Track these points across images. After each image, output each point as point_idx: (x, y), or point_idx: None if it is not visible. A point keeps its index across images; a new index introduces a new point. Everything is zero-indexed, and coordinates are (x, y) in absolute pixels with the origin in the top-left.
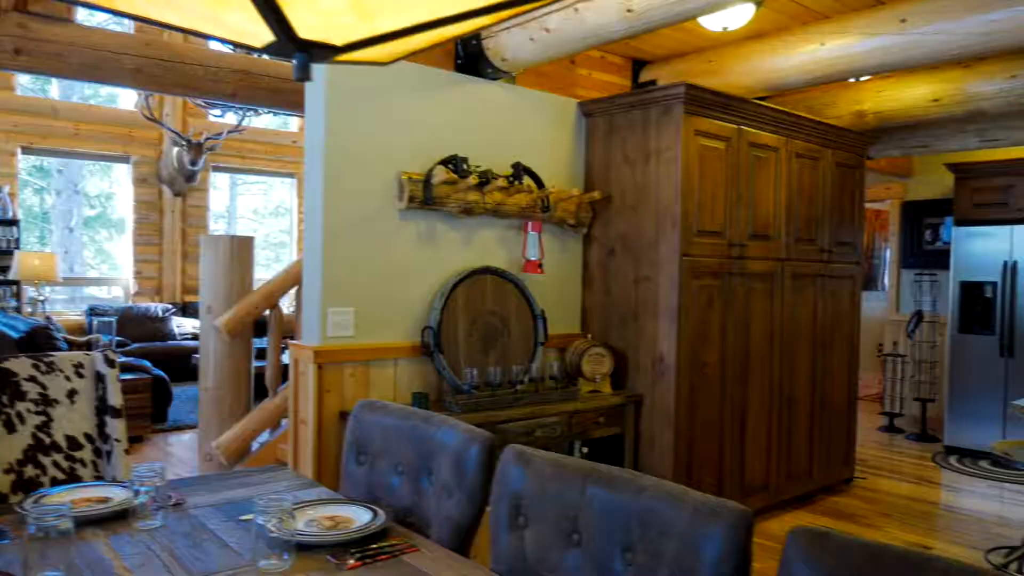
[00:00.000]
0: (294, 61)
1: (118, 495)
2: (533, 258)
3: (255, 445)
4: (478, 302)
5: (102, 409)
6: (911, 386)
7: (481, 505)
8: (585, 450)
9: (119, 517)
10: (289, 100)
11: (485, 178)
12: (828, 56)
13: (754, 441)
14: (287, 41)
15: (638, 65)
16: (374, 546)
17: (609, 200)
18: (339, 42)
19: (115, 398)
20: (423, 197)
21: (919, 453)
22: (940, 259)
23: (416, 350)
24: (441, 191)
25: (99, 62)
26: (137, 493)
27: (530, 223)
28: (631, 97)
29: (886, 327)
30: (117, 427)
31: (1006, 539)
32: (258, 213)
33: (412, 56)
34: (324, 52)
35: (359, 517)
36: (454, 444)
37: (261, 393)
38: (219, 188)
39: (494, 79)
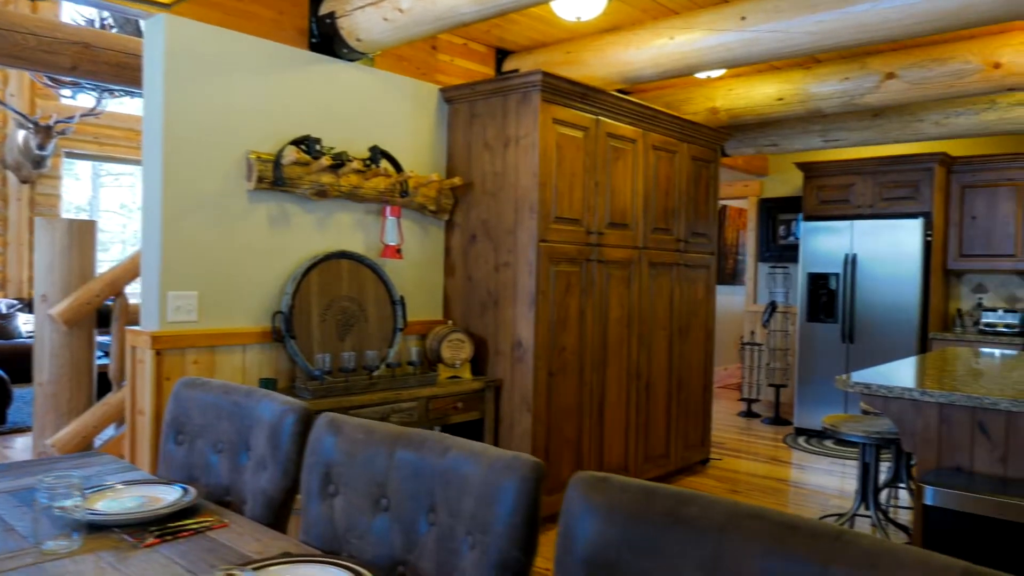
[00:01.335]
0: None
1: None
2: (392, 243)
3: (98, 442)
4: (333, 287)
5: None
6: (767, 373)
7: (295, 476)
8: None
9: None
10: (135, 77)
11: (340, 160)
12: (676, 50)
13: (613, 424)
14: None
15: (501, 54)
16: (177, 523)
17: (470, 186)
18: None
19: None
20: (273, 178)
21: (772, 435)
22: (792, 253)
23: (267, 336)
24: (293, 172)
25: None
26: None
27: (388, 208)
28: (491, 84)
29: (745, 318)
30: None
31: (839, 508)
32: (126, 207)
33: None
34: None
35: (167, 496)
36: (270, 417)
37: (108, 388)
38: (80, 178)
39: (351, 60)
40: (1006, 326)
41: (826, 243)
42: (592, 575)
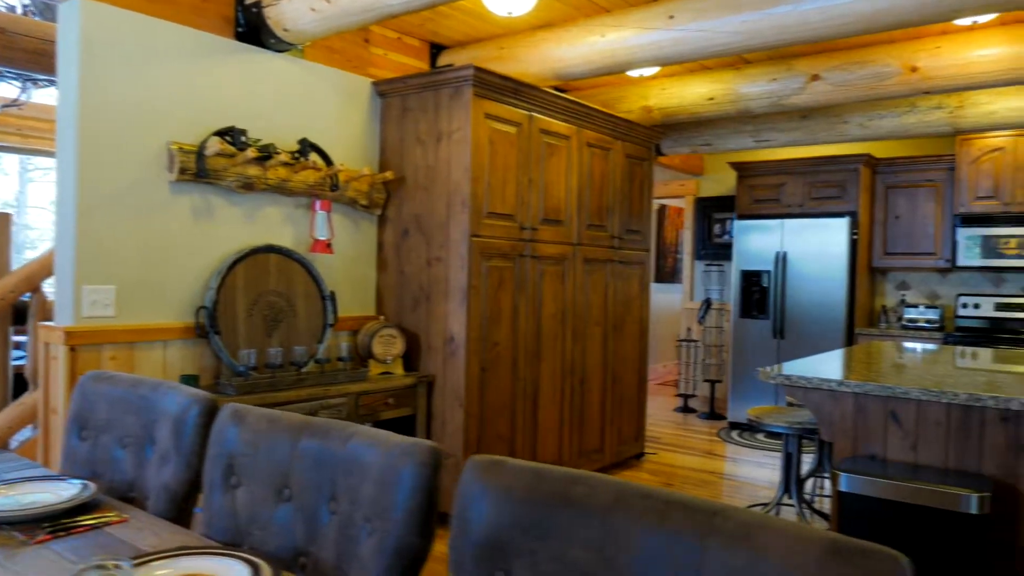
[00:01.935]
0: None
1: None
2: (322, 237)
3: (14, 443)
4: (261, 282)
5: None
6: (702, 369)
7: (199, 469)
8: None
9: None
10: (54, 64)
11: (267, 152)
12: (607, 48)
13: (547, 419)
14: None
15: (436, 49)
16: (72, 520)
17: (403, 181)
18: None
19: None
20: (196, 169)
21: (707, 429)
22: (727, 251)
23: (191, 331)
24: (217, 164)
25: None
26: None
27: (318, 202)
28: (423, 78)
29: (682, 315)
30: None
31: (768, 498)
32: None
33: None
34: None
35: (65, 492)
36: (175, 409)
37: (25, 387)
38: (7, 172)
39: (279, 51)
40: (927, 321)
41: (758, 241)
42: (484, 557)
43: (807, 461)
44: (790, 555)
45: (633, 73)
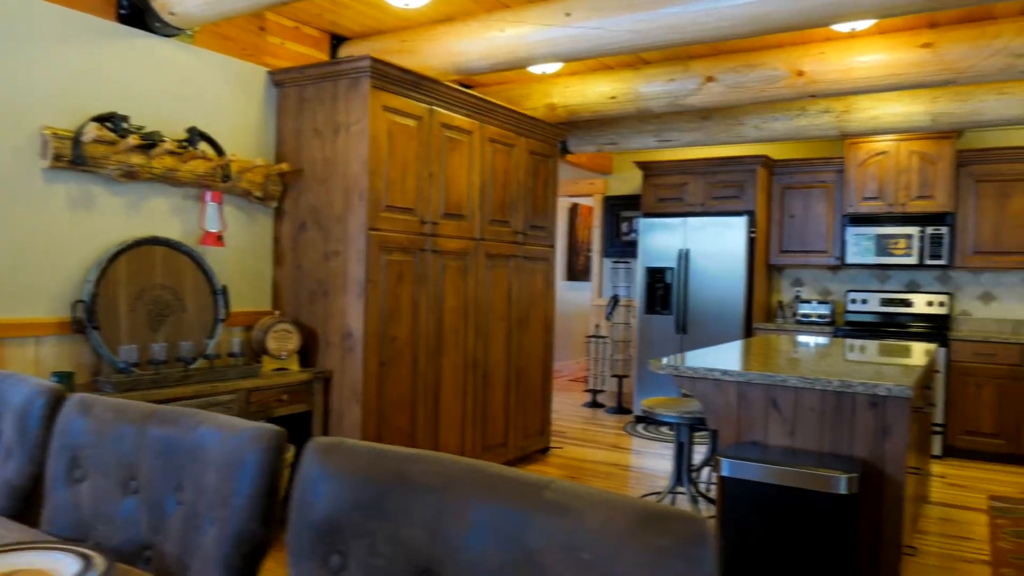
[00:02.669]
0: None
1: None
2: (213, 230)
3: None
4: (146, 275)
5: None
6: (610, 364)
7: (44, 463)
8: None
9: None
10: None
11: (151, 140)
12: (507, 43)
13: (449, 414)
14: None
15: (337, 40)
16: None
17: (300, 173)
18: None
19: None
20: (73, 156)
21: (614, 424)
22: (634, 249)
23: (67, 327)
24: (96, 151)
25: None
26: None
27: (209, 193)
28: (320, 68)
29: (591, 312)
30: None
31: (664, 487)
32: None
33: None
34: None
35: None
36: (20, 401)
37: None
38: None
39: (166, 35)
40: (819, 316)
41: (662, 239)
42: (321, 540)
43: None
44: (605, 523)
45: (536, 70)
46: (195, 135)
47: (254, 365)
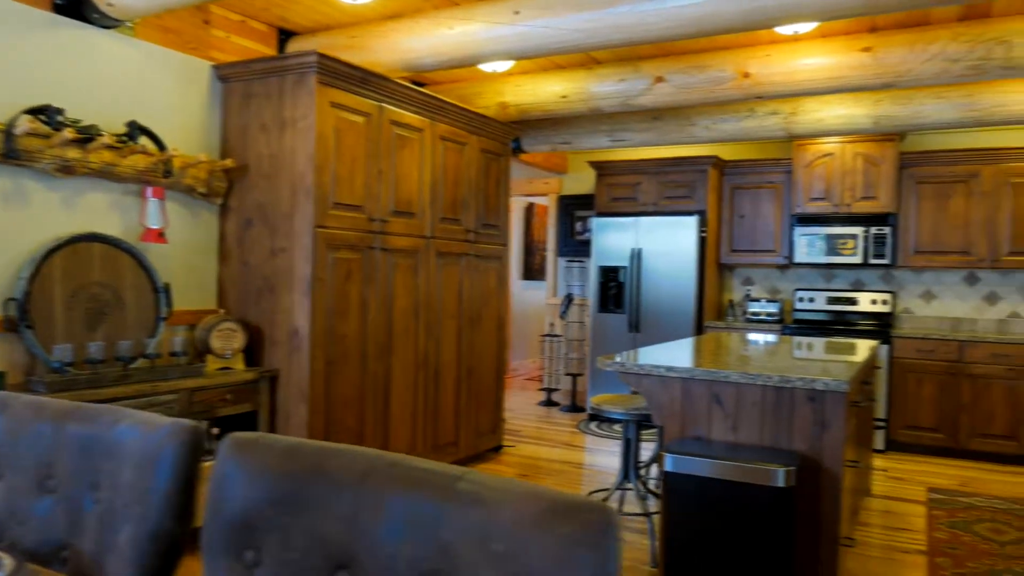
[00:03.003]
0: None
1: None
2: (155, 226)
3: None
4: (82, 272)
5: None
6: (565, 363)
7: None
8: (216, 430)
9: None
10: None
11: (88, 134)
12: (456, 40)
13: (399, 413)
14: None
15: (285, 35)
16: None
17: (246, 169)
18: None
19: None
20: (5, 150)
21: (568, 422)
22: (588, 248)
23: None
24: (30, 144)
25: None
26: None
27: (150, 188)
28: (266, 63)
29: (546, 311)
30: None
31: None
32: None
33: None
34: None
35: None
36: None
37: None
38: None
39: (105, 27)
40: (768, 314)
41: (615, 238)
42: (236, 536)
43: (655, 447)
44: (516, 514)
45: (487, 68)
46: (135, 129)
47: (197, 364)
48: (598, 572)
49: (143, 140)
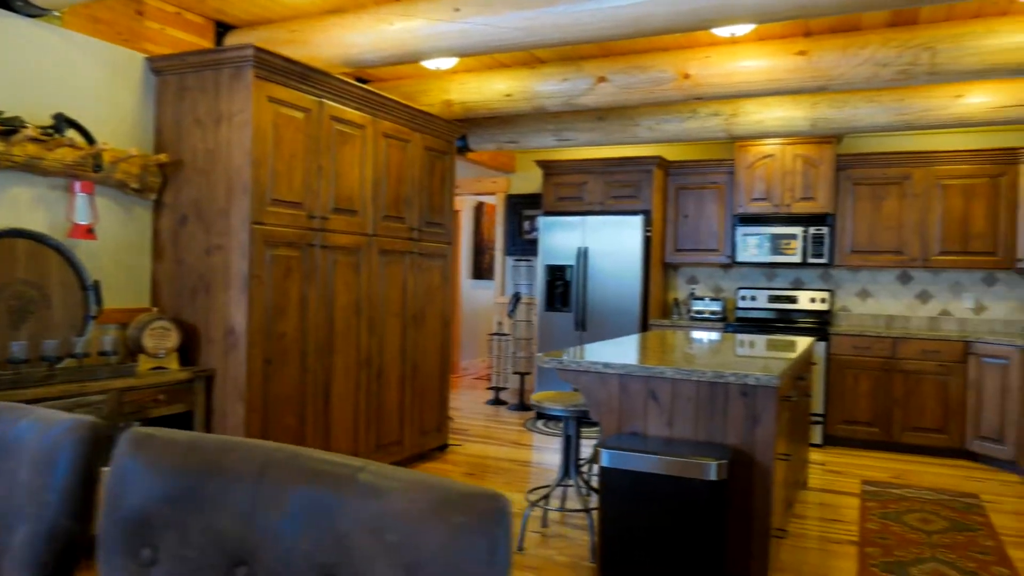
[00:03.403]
0: None
1: None
2: (83, 222)
3: None
4: (5, 270)
5: None
6: (513, 361)
7: None
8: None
9: None
10: None
11: (11, 126)
12: (397, 36)
13: (340, 412)
14: None
15: (223, 29)
16: None
17: (181, 164)
18: None
19: None
20: None
21: (516, 420)
22: (535, 247)
23: None
24: None
25: None
26: None
27: (78, 183)
28: (202, 56)
29: (494, 310)
30: None
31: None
32: None
33: None
34: None
35: None
36: None
37: None
38: None
39: (30, 16)
40: (711, 313)
41: (562, 237)
42: (132, 534)
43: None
44: (410, 504)
45: (430, 65)
46: (62, 122)
47: (129, 364)
48: (489, 559)
49: (71, 133)
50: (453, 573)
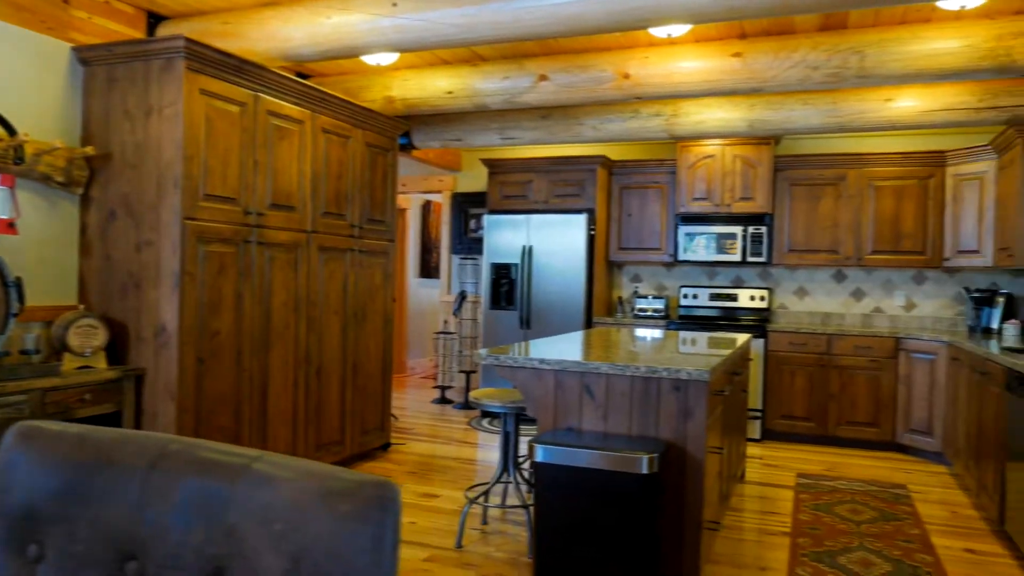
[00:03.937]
0: None
1: None
2: (3, 217)
3: None
4: None
5: None
6: (459, 360)
7: None
8: None
9: None
10: None
11: None
12: (334, 30)
13: (278, 411)
14: None
15: (155, 19)
16: None
17: (109, 157)
18: None
19: None
20: None
21: (461, 419)
22: (481, 245)
23: None
24: None
25: None
26: None
27: None
28: (131, 47)
29: (440, 308)
30: None
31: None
32: None
33: None
34: None
35: None
36: None
37: None
38: None
39: None
40: (655, 310)
41: (507, 236)
42: (18, 529)
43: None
44: (300, 493)
45: (372, 61)
46: None
47: (53, 363)
48: (375, 546)
49: None
50: (337, 561)
